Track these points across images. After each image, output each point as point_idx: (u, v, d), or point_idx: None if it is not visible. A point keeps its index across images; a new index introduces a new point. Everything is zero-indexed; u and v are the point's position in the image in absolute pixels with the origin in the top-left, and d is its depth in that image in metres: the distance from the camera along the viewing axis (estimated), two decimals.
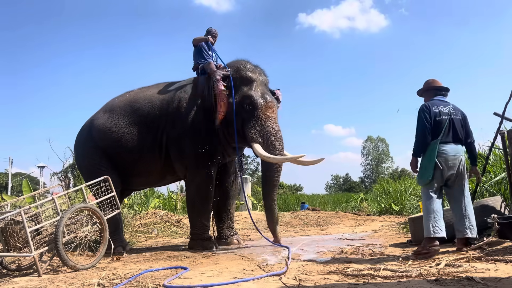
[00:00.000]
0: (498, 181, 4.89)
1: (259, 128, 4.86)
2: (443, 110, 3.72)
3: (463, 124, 3.78)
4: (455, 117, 3.73)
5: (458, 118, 3.76)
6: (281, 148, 4.87)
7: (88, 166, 5.38)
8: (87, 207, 4.13)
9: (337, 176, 59.89)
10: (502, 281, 2.48)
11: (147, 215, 8.40)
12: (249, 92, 4.95)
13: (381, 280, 2.71)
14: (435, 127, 3.66)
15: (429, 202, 3.61)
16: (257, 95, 4.94)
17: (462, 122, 3.77)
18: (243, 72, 5.06)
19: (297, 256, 4.02)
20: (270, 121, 4.88)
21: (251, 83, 5.02)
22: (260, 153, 4.74)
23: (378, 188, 14.62)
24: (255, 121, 4.88)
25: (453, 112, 3.73)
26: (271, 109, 4.96)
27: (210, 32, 5.58)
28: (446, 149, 3.63)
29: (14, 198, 6.49)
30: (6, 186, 32.24)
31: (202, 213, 5.09)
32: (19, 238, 3.79)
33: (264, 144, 4.82)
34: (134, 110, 5.28)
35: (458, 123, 3.73)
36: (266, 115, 4.89)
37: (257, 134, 4.85)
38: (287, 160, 4.82)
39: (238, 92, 4.98)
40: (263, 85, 5.15)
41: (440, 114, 3.69)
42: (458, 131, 3.71)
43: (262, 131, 4.85)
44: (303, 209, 12.62)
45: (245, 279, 2.94)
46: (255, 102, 4.90)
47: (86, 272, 3.69)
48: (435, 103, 3.78)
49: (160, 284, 2.93)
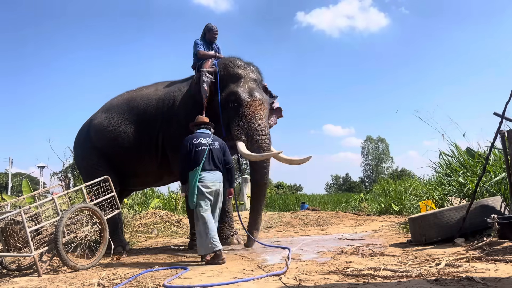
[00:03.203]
0: (498, 181, 4.88)
1: (244, 125, 4.72)
2: (203, 141, 4.12)
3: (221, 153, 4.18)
4: (213, 147, 4.12)
5: (217, 148, 4.14)
6: (267, 146, 4.69)
7: (86, 167, 5.39)
8: (87, 207, 4.13)
9: (337, 176, 59.95)
10: (502, 281, 2.48)
11: (147, 215, 8.41)
12: (235, 89, 4.84)
13: (381, 280, 2.71)
14: (196, 156, 4.03)
15: (203, 220, 3.91)
16: (243, 92, 4.82)
17: (220, 151, 4.17)
18: (230, 69, 5.00)
19: (297, 256, 4.01)
20: (255, 119, 4.73)
21: (238, 79, 4.93)
22: (241, 151, 4.62)
23: (378, 188, 14.61)
24: (240, 118, 4.75)
25: (211, 142, 4.13)
26: (258, 106, 4.80)
27: (211, 30, 5.53)
28: (205, 176, 3.99)
29: (14, 198, 6.48)
30: (6, 186, 32.24)
31: None
32: (19, 238, 3.79)
33: (248, 142, 4.68)
34: (130, 109, 5.27)
35: (217, 152, 4.13)
36: (252, 112, 4.74)
37: (241, 131, 4.72)
38: (264, 157, 4.61)
39: (226, 89, 4.91)
40: (253, 82, 5.02)
41: (200, 145, 4.09)
42: (217, 159, 4.09)
43: (247, 129, 4.71)
44: (303, 209, 12.62)
45: (245, 279, 2.94)
46: (240, 98, 4.79)
47: (86, 272, 3.69)
48: (196, 135, 4.20)
49: (160, 284, 2.93)
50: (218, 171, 4.11)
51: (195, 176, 3.98)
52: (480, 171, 4.85)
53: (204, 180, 3.98)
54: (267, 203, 16.42)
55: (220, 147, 4.19)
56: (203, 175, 3.99)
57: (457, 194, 5.55)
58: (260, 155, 4.60)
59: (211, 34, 5.52)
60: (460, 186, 5.60)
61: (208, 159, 4.05)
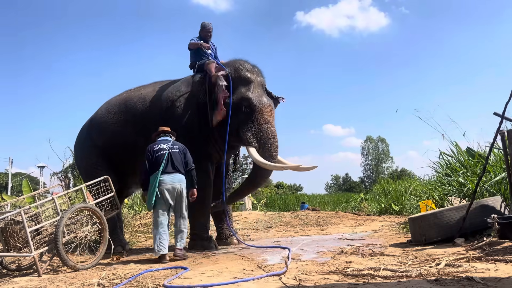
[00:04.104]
0: (498, 181, 4.88)
1: (256, 131, 4.83)
2: (162, 146, 4.35)
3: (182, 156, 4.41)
4: (173, 150, 4.34)
5: (177, 151, 4.36)
6: (276, 155, 4.85)
7: (86, 166, 5.40)
8: (87, 207, 4.13)
9: (337, 176, 59.93)
10: (502, 281, 2.48)
11: (147, 215, 8.40)
12: (248, 94, 4.92)
13: (381, 280, 2.71)
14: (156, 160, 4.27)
15: (156, 224, 4.20)
16: (255, 98, 4.91)
17: (180, 154, 4.40)
18: (241, 72, 5.04)
19: (297, 256, 4.01)
20: (267, 125, 4.85)
21: (249, 84, 4.99)
22: (256, 159, 4.73)
23: (378, 188, 14.61)
24: (252, 123, 4.85)
25: (171, 147, 4.35)
26: (269, 112, 4.93)
27: (204, 28, 5.56)
28: (165, 178, 4.21)
29: (14, 198, 6.49)
30: (6, 186, 32.21)
31: (201, 213, 5.08)
32: (19, 238, 3.79)
33: (259, 149, 4.79)
34: (128, 109, 5.28)
35: (177, 155, 4.35)
36: (263, 118, 4.85)
37: (253, 137, 4.83)
38: (283, 168, 4.82)
39: (236, 92, 4.95)
40: (261, 87, 5.12)
41: (159, 150, 4.32)
42: (177, 161, 4.31)
43: (259, 135, 4.82)
44: (303, 209, 12.63)
45: (245, 279, 2.94)
46: (254, 104, 4.87)
47: (86, 272, 3.69)
48: (156, 142, 4.44)
49: (160, 284, 2.93)
50: (179, 173, 4.30)
51: (155, 179, 4.19)
52: (480, 171, 4.85)
53: (163, 182, 4.20)
54: (267, 203, 16.42)
55: (180, 150, 4.39)
56: (162, 177, 4.21)
57: (457, 194, 5.55)
58: (280, 166, 4.80)
59: (204, 32, 5.57)
60: (460, 186, 5.60)
61: (167, 162, 4.26)
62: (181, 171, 4.32)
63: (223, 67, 5.14)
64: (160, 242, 4.11)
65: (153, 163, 4.26)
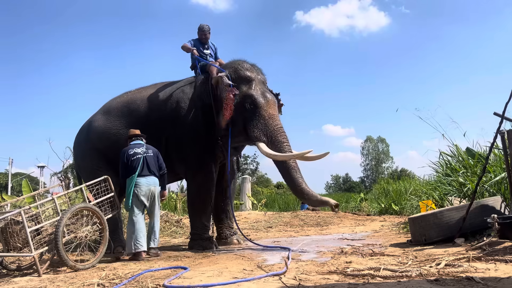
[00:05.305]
0: (498, 181, 4.88)
1: (262, 126, 4.85)
2: (137, 151, 4.57)
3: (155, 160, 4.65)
4: (147, 155, 4.59)
5: (151, 155, 4.61)
6: (288, 145, 4.82)
7: (86, 168, 5.38)
8: (87, 207, 4.13)
9: (337, 176, 59.91)
10: (502, 281, 2.48)
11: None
12: (250, 92, 4.95)
13: (381, 280, 2.71)
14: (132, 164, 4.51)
15: (132, 223, 4.44)
16: (257, 94, 4.94)
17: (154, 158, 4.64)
18: (241, 71, 5.06)
19: (297, 256, 4.02)
20: (272, 119, 4.88)
21: (250, 82, 5.02)
22: (266, 152, 4.72)
23: (378, 188, 14.60)
24: (257, 120, 4.87)
25: (145, 151, 4.59)
26: (273, 107, 4.97)
27: (201, 30, 5.61)
28: (140, 181, 4.49)
29: (14, 198, 6.48)
30: (6, 186, 32.20)
31: (202, 213, 5.08)
32: (19, 238, 3.79)
33: (269, 143, 4.81)
34: (131, 112, 5.27)
35: (151, 159, 4.60)
36: (268, 113, 4.89)
37: (260, 133, 4.85)
38: (294, 157, 4.72)
39: (238, 92, 4.98)
40: (262, 84, 5.14)
41: (135, 154, 4.55)
42: (151, 165, 4.58)
43: (266, 130, 4.84)
44: (303, 209, 12.60)
45: (245, 279, 2.94)
46: (257, 101, 4.90)
47: (86, 272, 3.69)
48: (131, 146, 4.64)
49: (160, 284, 2.94)
50: (153, 176, 4.59)
51: (131, 182, 4.47)
52: (480, 171, 4.85)
53: (139, 185, 4.49)
54: (267, 203, 16.43)
55: (153, 154, 4.65)
56: (138, 180, 4.50)
57: (457, 194, 5.55)
58: (290, 155, 4.69)
59: (201, 33, 5.62)
60: (460, 186, 5.60)
61: (143, 166, 4.53)
62: (155, 174, 4.61)
63: (223, 70, 5.13)
64: (137, 240, 4.36)
65: (129, 167, 4.53)
